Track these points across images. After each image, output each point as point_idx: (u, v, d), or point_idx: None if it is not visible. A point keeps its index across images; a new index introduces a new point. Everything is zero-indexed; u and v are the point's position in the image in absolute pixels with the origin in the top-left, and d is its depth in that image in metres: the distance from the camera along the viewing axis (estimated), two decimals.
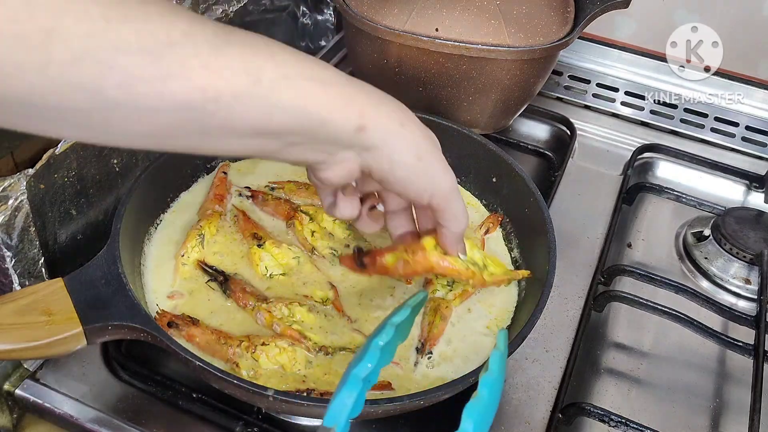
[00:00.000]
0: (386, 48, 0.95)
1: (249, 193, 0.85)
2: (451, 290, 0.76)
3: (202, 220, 0.79)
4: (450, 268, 0.65)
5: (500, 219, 0.84)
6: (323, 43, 1.26)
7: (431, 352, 0.70)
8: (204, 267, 0.76)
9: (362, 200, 0.66)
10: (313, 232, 0.80)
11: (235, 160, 0.88)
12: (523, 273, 0.75)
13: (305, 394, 0.64)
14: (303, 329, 0.70)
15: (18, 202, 0.67)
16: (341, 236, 0.81)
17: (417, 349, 0.71)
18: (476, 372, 0.64)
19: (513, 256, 0.82)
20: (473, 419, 0.46)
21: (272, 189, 0.86)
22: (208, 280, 0.75)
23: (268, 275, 0.76)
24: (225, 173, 0.86)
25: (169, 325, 0.69)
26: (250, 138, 0.50)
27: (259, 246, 0.77)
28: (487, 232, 0.84)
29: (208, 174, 0.86)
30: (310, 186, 0.86)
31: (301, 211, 0.81)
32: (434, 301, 0.75)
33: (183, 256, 0.76)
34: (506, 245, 0.84)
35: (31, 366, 0.73)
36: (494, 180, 0.87)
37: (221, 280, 0.74)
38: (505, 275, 0.71)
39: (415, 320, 0.64)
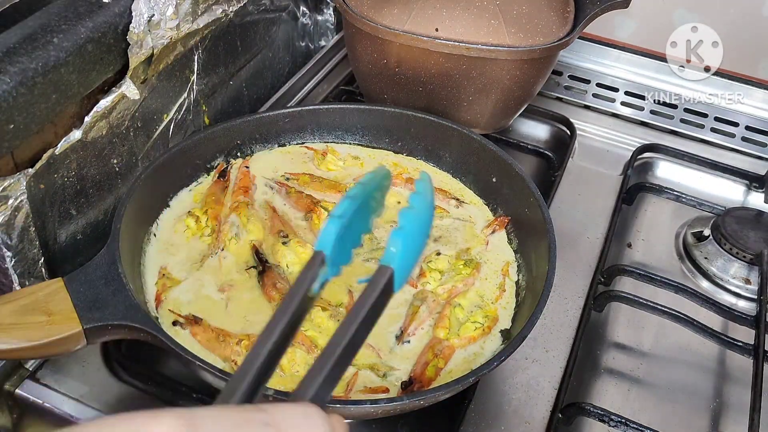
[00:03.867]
0: (386, 48, 0.95)
1: (273, 184, 0.87)
2: (442, 284, 0.77)
3: (233, 213, 0.81)
4: None
5: (506, 221, 0.84)
6: (323, 43, 1.26)
7: (409, 341, 0.72)
8: (257, 252, 0.77)
9: None
10: None
11: (251, 153, 0.90)
12: None
13: None
14: (316, 337, 0.70)
15: (18, 202, 0.67)
16: None
17: (396, 336, 0.72)
18: (476, 372, 0.64)
19: (516, 257, 0.82)
20: (400, 240, 0.48)
21: (287, 179, 0.88)
22: (249, 267, 0.76)
23: (289, 272, 0.77)
24: (247, 167, 0.88)
25: (174, 323, 0.69)
26: None
27: (284, 243, 0.78)
28: (493, 232, 0.84)
29: (208, 174, 0.87)
30: (323, 179, 0.88)
31: (321, 206, 0.83)
32: (422, 292, 0.76)
33: (223, 250, 0.77)
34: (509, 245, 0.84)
35: (31, 366, 0.73)
36: (494, 180, 0.87)
37: (260, 270, 0.76)
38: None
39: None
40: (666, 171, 1.10)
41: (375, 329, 0.71)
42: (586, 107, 1.20)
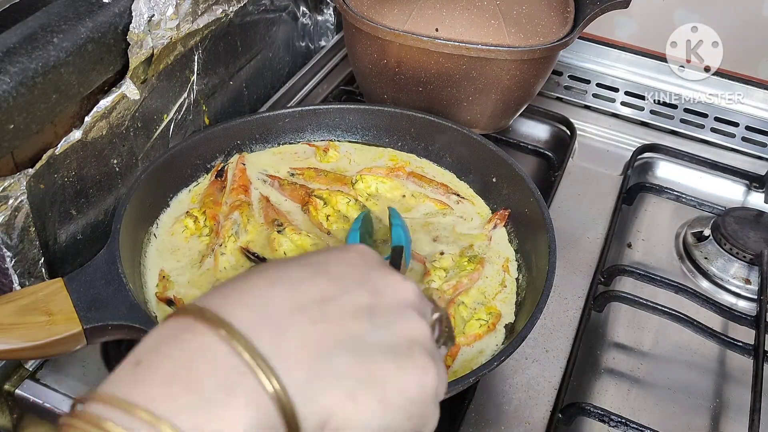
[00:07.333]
0: (386, 48, 0.95)
1: (266, 178, 0.87)
2: (446, 280, 0.77)
3: (235, 210, 0.80)
4: None
5: (507, 214, 0.84)
6: (323, 43, 1.26)
7: None
8: (247, 253, 0.77)
9: None
10: (328, 216, 0.81)
11: (250, 151, 0.90)
12: None
13: None
14: None
15: (18, 202, 0.67)
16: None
17: None
18: (476, 372, 0.64)
19: (517, 257, 0.82)
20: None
21: (292, 175, 0.88)
22: (251, 260, 0.76)
23: None
24: (244, 164, 0.88)
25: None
26: None
27: (279, 232, 0.78)
28: (494, 227, 0.84)
29: (207, 174, 0.86)
30: (329, 173, 0.88)
31: (314, 195, 0.83)
32: (428, 290, 0.76)
33: (221, 246, 0.77)
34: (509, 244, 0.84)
35: (31, 366, 0.73)
36: (494, 180, 0.87)
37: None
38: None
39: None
40: (666, 171, 1.10)
41: None
42: (586, 107, 1.20)
